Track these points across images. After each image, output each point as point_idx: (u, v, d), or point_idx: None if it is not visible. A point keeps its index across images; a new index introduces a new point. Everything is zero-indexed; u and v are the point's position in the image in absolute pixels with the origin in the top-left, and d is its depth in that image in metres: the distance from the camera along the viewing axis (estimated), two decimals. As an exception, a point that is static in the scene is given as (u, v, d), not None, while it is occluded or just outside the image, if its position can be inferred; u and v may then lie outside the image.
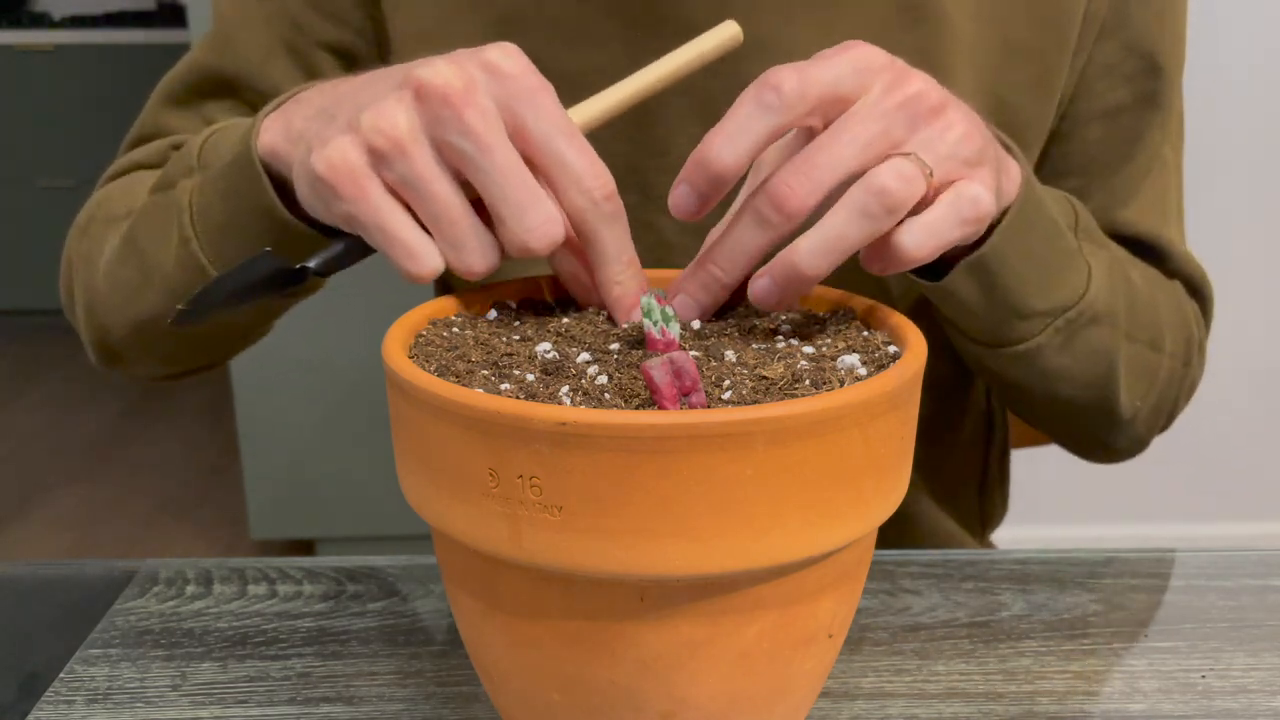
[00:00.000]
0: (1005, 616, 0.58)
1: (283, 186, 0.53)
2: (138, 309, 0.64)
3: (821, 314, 0.48)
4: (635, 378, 0.39)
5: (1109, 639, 0.57)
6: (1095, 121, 0.69)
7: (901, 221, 0.44)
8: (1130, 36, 0.68)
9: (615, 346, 0.43)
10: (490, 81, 0.44)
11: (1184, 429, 2.13)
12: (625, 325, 0.46)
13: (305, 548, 2.14)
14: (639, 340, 0.44)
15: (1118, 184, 0.70)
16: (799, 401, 0.35)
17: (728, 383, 0.39)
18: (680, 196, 0.45)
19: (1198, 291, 0.74)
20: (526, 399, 0.38)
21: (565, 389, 0.39)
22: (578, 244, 0.47)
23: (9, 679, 0.55)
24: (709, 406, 0.38)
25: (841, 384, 0.38)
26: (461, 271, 0.44)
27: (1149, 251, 0.71)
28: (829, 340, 0.43)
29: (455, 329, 0.45)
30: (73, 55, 3.47)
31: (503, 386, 0.39)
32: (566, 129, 0.44)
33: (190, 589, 0.61)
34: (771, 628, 0.38)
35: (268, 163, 0.53)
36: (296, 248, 0.55)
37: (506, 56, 0.44)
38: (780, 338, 0.45)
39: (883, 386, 0.37)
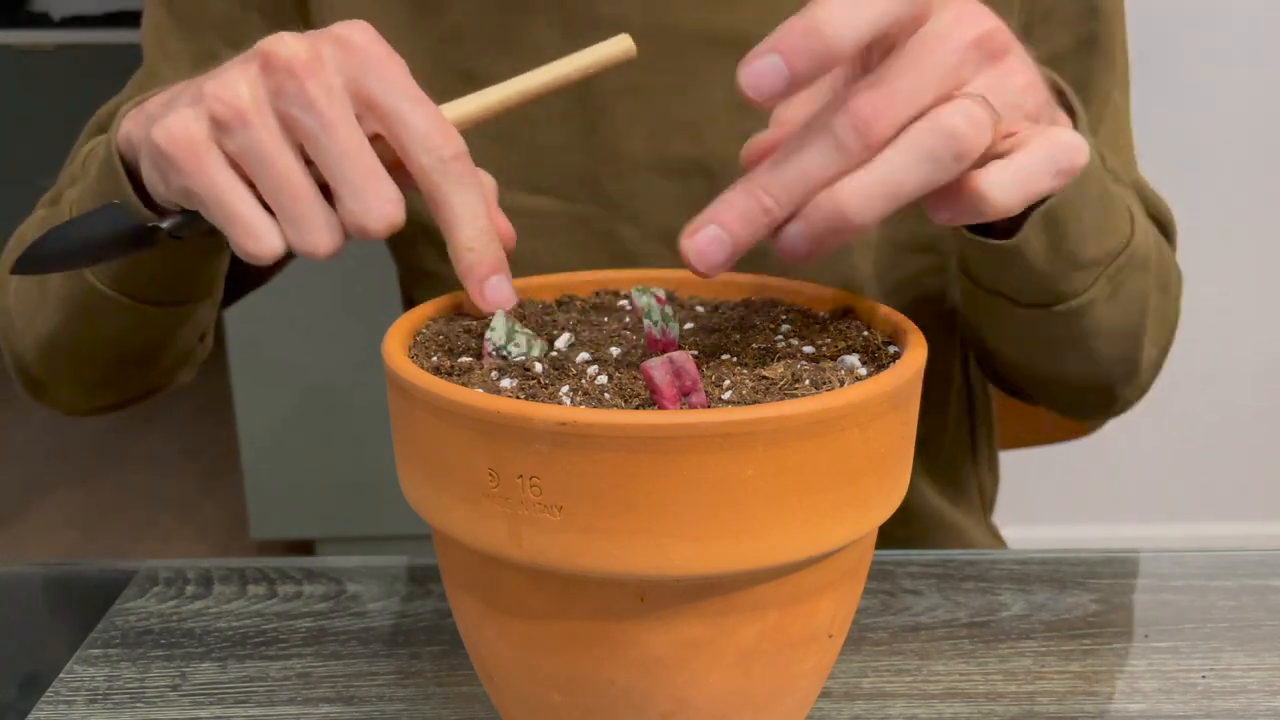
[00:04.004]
0: (1005, 616, 0.58)
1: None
2: (38, 328, 0.63)
3: (821, 314, 0.48)
4: (635, 378, 0.39)
5: (1109, 639, 0.57)
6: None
7: (978, 167, 0.39)
8: None
9: (615, 348, 0.43)
10: (338, 55, 0.43)
11: (1185, 429, 2.13)
12: (482, 303, 0.44)
13: (305, 548, 2.14)
14: (639, 340, 0.44)
15: None
16: (799, 401, 0.35)
17: (728, 383, 0.39)
18: (762, 71, 0.36)
19: (1166, 229, 0.72)
20: (526, 399, 0.38)
21: (565, 389, 0.39)
22: None
23: (9, 679, 0.55)
24: (709, 406, 0.38)
25: (841, 384, 0.38)
26: (303, 251, 0.43)
27: None
28: (829, 340, 0.43)
29: (455, 328, 0.45)
30: (73, 55, 3.46)
31: (503, 385, 0.39)
32: (413, 94, 0.43)
33: (190, 589, 0.61)
34: (771, 628, 0.38)
35: (127, 156, 0.52)
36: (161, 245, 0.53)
37: (355, 30, 0.43)
38: (780, 338, 0.45)
39: (883, 386, 0.37)
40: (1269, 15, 1.81)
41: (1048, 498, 1.97)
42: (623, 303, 0.50)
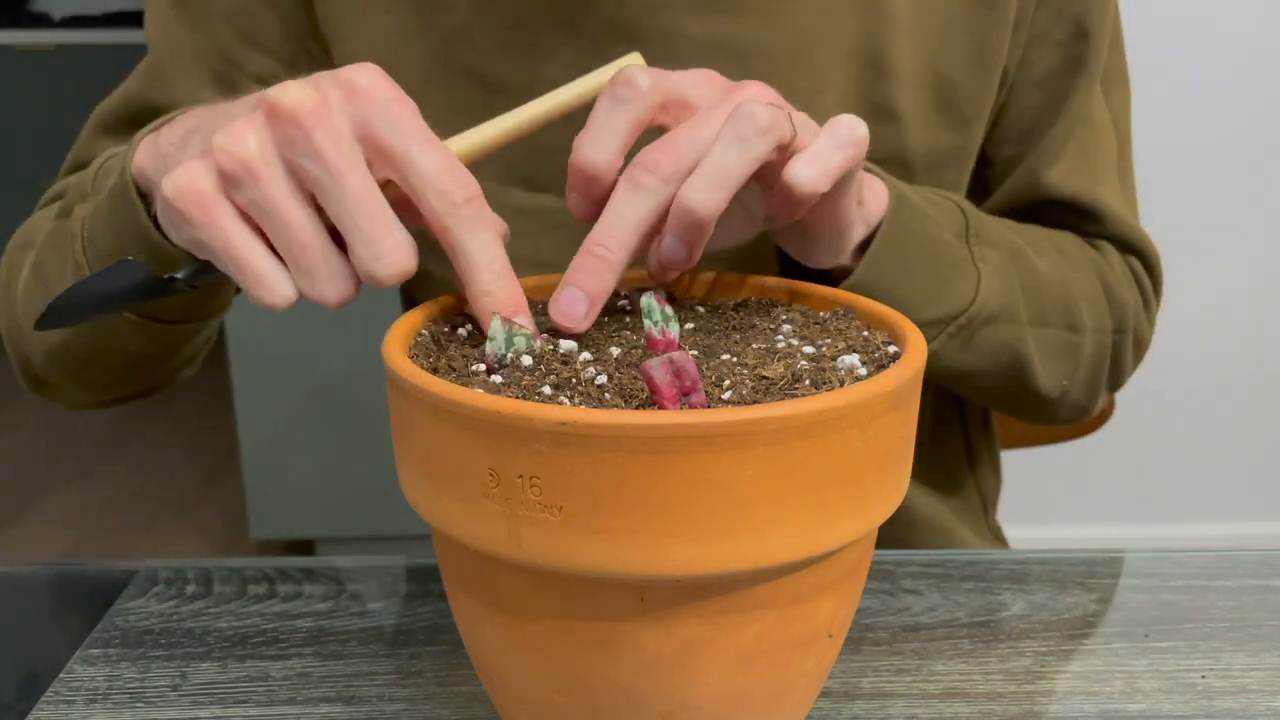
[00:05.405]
0: (1005, 616, 0.58)
1: None
2: (49, 338, 0.64)
3: (821, 314, 0.48)
4: (635, 378, 0.39)
5: (1109, 639, 0.57)
6: (1029, 89, 0.71)
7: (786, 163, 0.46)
8: (1061, 2, 0.69)
9: (615, 348, 0.43)
10: (345, 101, 0.43)
11: (1185, 429, 2.13)
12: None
13: (305, 548, 2.14)
14: (639, 340, 0.44)
15: (1043, 146, 0.71)
16: (799, 401, 0.35)
17: (728, 383, 0.39)
18: (574, 204, 0.47)
19: (1137, 253, 0.74)
20: (524, 398, 0.38)
21: (565, 389, 0.39)
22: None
23: (9, 679, 0.56)
24: (709, 406, 0.38)
25: (841, 384, 0.38)
26: (316, 301, 0.43)
27: (1080, 214, 0.72)
28: (829, 340, 0.43)
29: (455, 329, 0.45)
30: (73, 55, 3.46)
31: (501, 385, 0.39)
32: (423, 137, 0.43)
33: (190, 589, 0.61)
34: (771, 628, 0.38)
35: (142, 186, 0.53)
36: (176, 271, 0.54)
37: (362, 73, 0.43)
38: (780, 338, 0.45)
39: (883, 386, 0.37)
40: (1267, 14, 1.81)
41: (1048, 498, 1.97)
42: (623, 303, 0.50)
